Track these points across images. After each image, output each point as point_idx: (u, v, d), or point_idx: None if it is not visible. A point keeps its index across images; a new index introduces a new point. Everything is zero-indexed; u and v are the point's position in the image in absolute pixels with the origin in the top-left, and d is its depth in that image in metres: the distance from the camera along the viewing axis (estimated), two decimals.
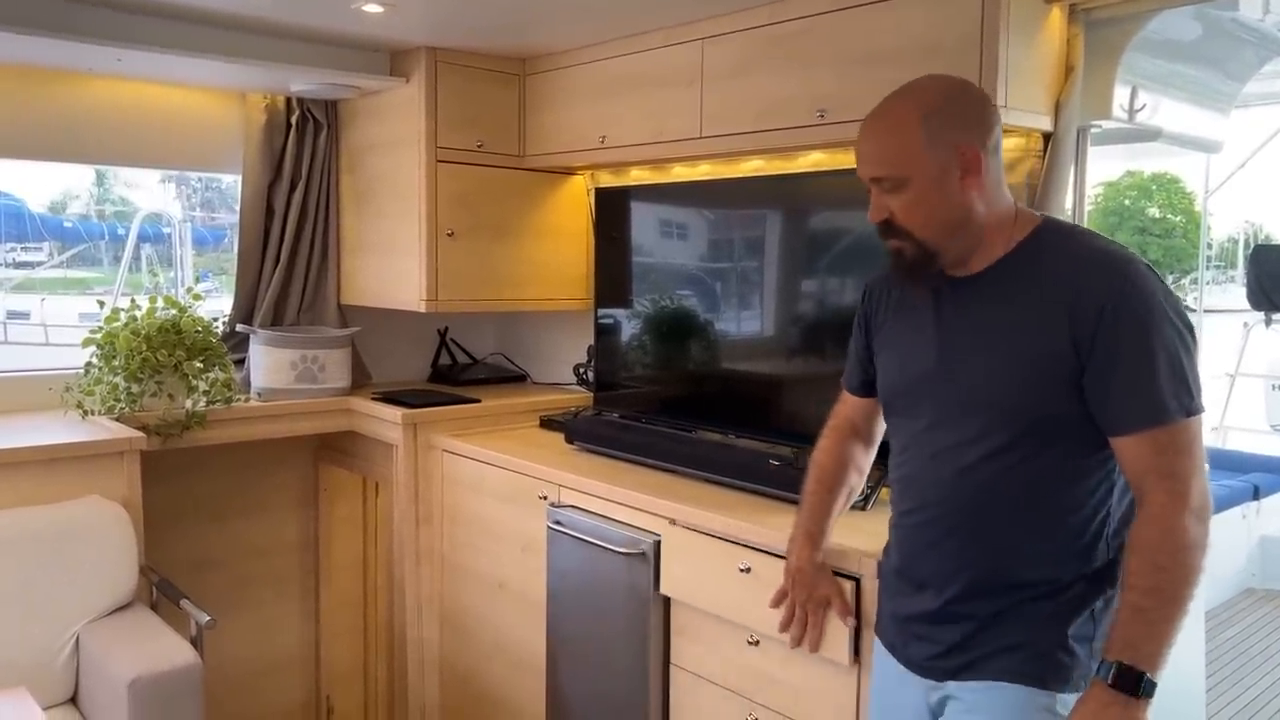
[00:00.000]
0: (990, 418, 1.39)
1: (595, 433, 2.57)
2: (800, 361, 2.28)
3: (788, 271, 2.32)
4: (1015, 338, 1.37)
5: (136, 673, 1.93)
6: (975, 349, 1.42)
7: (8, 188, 13.39)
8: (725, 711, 1.95)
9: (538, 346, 3.41)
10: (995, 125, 1.43)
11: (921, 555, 1.49)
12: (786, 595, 1.73)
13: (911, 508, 1.51)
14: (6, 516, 2.15)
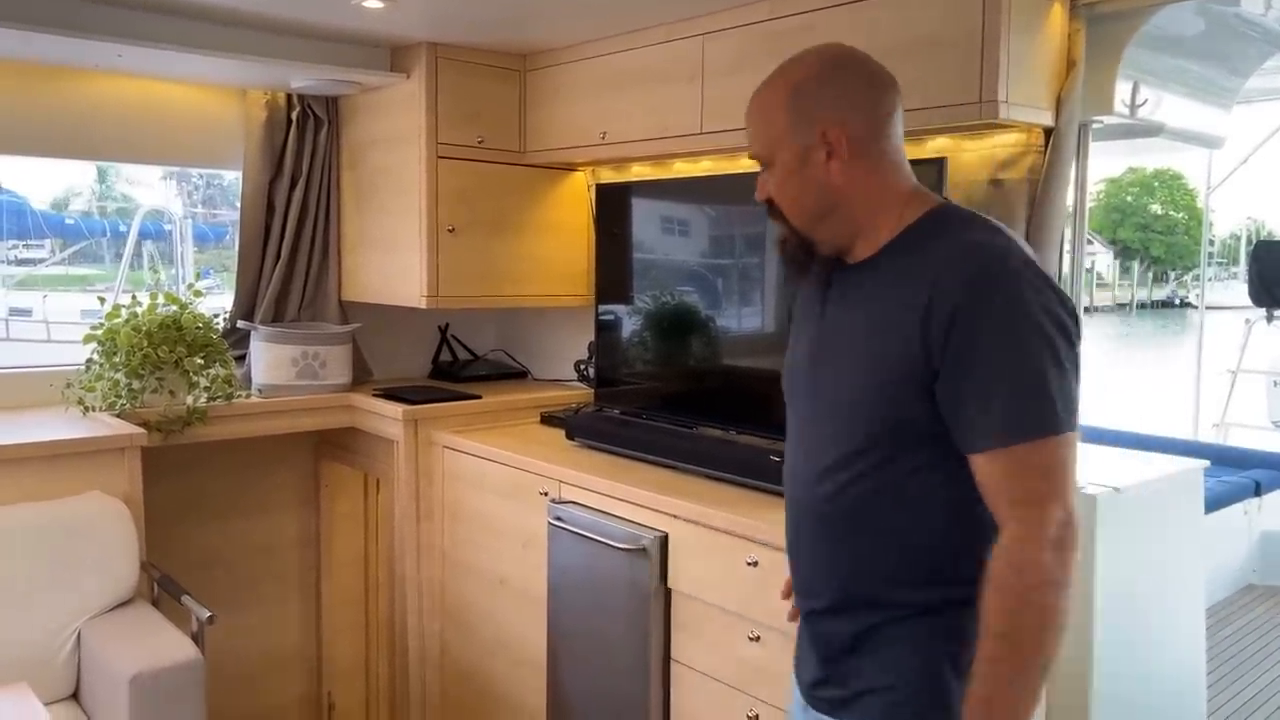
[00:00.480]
0: (845, 418, 1.27)
1: (596, 429, 2.57)
2: None
3: None
4: (872, 335, 1.25)
5: (138, 668, 1.93)
6: (839, 344, 1.32)
7: (10, 185, 13.41)
8: (726, 706, 1.95)
9: (539, 343, 3.41)
10: (879, 103, 1.32)
11: (796, 558, 1.38)
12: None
13: (788, 506, 1.39)
14: (8, 512, 2.15)
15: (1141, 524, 2.34)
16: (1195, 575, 2.57)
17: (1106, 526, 2.18)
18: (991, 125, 1.98)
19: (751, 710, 1.90)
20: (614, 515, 2.20)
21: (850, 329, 1.30)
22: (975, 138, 2.10)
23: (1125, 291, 30.96)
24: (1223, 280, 28.67)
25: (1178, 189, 29.12)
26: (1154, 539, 2.41)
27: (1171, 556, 2.48)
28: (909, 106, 1.95)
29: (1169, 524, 2.48)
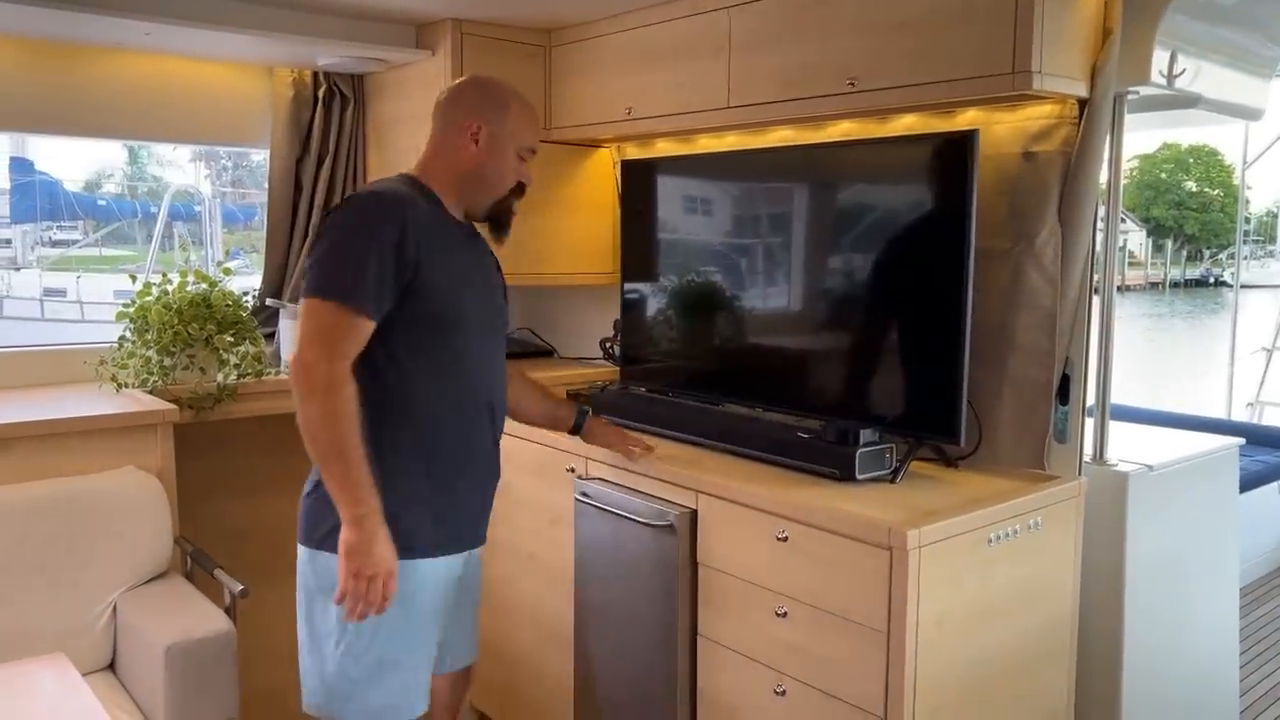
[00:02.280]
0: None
1: (622, 406, 2.57)
2: (827, 335, 2.27)
3: (815, 244, 2.29)
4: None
5: (173, 639, 1.96)
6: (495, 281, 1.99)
7: (44, 167, 13.56)
8: (753, 681, 1.95)
9: (564, 321, 3.41)
10: None
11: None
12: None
13: (487, 408, 1.91)
14: (45, 486, 2.19)
15: (1174, 502, 2.32)
16: (1229, 555, 2.53)
17: (1138, 504, 2.16)
18: (1024, 97, 1.94)
19: (779, 685, 1.90)
20: (641, 492, 2.21)
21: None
22: (1007, 109, 2.07)
23: (1158, 270, 30.51)
24: (1258, 259, 28.15)
25: (1213, 165, 28.59)
26: (1187, 518, 2.38)
27: (1205, 535, 2.45)
28: (940, 78, 1.94)
29: (1202, 503, 2.44)
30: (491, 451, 1.91)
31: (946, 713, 1.78)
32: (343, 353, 1.65)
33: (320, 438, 1.63)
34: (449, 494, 1.82)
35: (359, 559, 1.61)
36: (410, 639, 1.78)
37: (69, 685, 1.48)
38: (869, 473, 1.99)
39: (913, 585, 1.68)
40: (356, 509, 1.62)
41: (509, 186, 1.88)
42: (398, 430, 1.75)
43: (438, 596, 1.83)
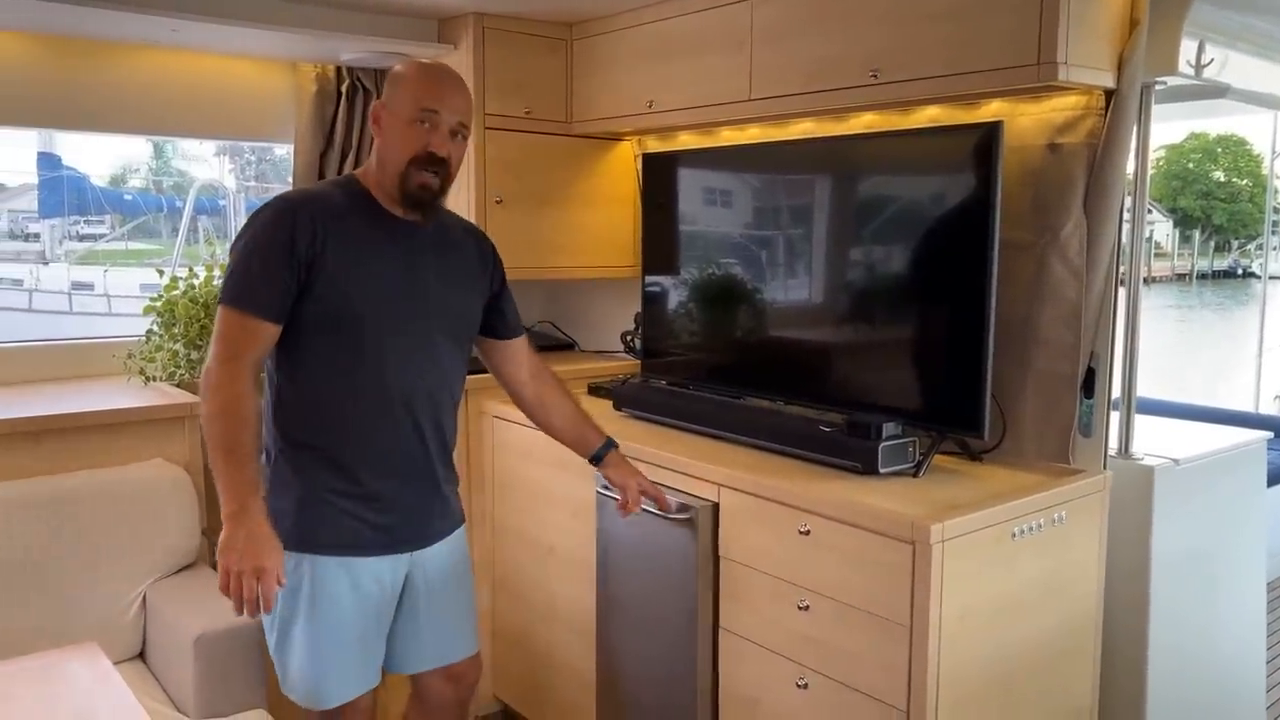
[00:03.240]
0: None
1: (643, 399, 2.58)
2: (849, 328, 2.26)
3: (837, 236, 2.29)
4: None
5: (202, 629, 1.99)
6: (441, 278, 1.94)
7: (72, 162, 13.70)
8: (775, 675, 1.96)
9: (585, 314, 3.42)
10: None
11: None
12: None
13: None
14: (76, 478, 2.22)
15: (1200, 496, 2.29)
16: (1256, 550, 2.51)
17: (1164, 499, 2.14)
18: (1050, 88, 1.93)
19: (801, 678, 1.90)
20: (663, 485, 2.21)
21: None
22: (1032, 101, 2.05)
23: (1185, 261, 30.12)
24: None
25: (1241, 155, 28.17)
26: (1213, 512, 2.35)
27: (1231, 530, 2.43)
28: (964, 69, 1.93)
29: (1229, 497, 2.42)
30: (417, 453, 1.88)
31: (969, 707, 1.77)
32: (235, 354, 1.69)
33: (210, 434, 1.67)
34: (362, 496, 1.81)
35: (227, 555, 1.62)
36: (323, 633, 1.80)
37: (101, 674, 1.51)
38: (892, 466, 1.98)
39: (935, 579, 1.68)
40: (230, 505, 1.64)
41: (406, 158, 1.76)
42: (301, 428, 1.80)
43: (361, 596, 1.83)
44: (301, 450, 1.80)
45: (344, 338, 1.78)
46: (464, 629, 2.03)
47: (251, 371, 1.72)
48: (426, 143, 1.76)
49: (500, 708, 2.93)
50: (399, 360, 1.82)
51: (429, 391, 1.88)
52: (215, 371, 1.69)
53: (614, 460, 2.09)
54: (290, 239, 1.71)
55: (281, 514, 1.79)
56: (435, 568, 1.95)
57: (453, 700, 2.04)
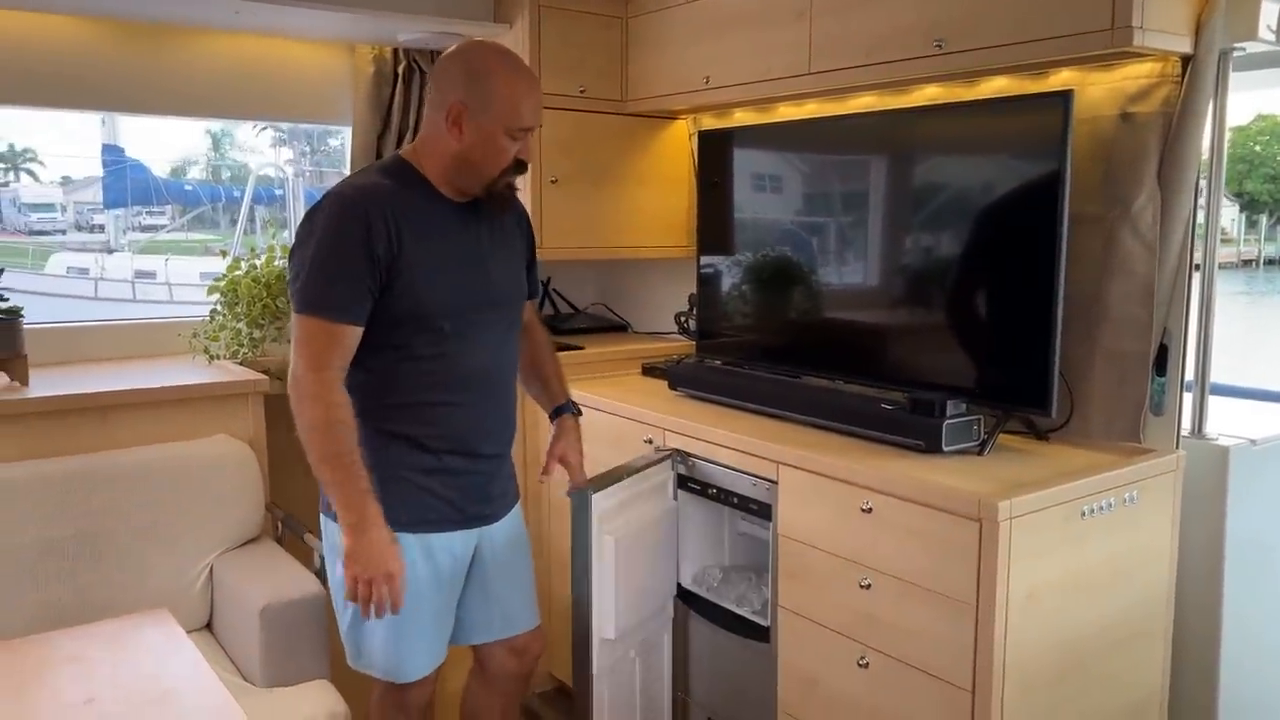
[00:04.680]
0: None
1: (699, 379, 2.56)
2: (911, 305, 2.22)
3: (900, 212, 2.24)
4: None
5: (267, 600, 2.03)
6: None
7: (134, 154, 14.03)
8: (835, 654, 1.93)
9: (638, 295, 3.41)
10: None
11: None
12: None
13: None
14: (144, 452, 2.28)
15: (1277, 477, 2.22)
16: None
17: (1239, 479, 2.07)
18: (1123, 55, 1.87)
19: (862, 657, 1.88)
20: (720, 464, 2.20)
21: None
22: (1104, 69, 1.99)
23: (1251, 247, 29.20)
24: None
25: None
26: None
27: None
28: (1032, 37, 1.88)
29: None
30: (489, 429, 1.89)
31: (1037, 689, 1.74)
32: (328, 363, 1.68)
33: (313, 446, 1.66)
34: (439, 472, 1.82)
35: (357, 565, 1.65)
36: (403, 609, 1.78)
37: (173, 639, 1.54)
38: (956, 445, 1.95)
39: (1002, 558, 1.64)
40: (350, 516, 1.65)
41: (500, 169, 1.76)
42: (378, 411, 1.77)
43: (437, 571, 1.84)
44: (379, 431, 1.80)
45: (421, 328, 1.77)
46: (527, 601, 2.04)
47: (342, 376, 1.70)
48: (523, 153, 1.77)
49: (555, 685, 2.94)
50: (472, 344, 1.83)
51: (499, 369, 1.90)
52: (306, 381, 1.67)
53: (566, 424, 2.08)
54: (366, 240, 1.68)
55: None
56: (500, 540, 1.96)
57: (516, 673, 2.06)
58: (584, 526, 2.00)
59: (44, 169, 17.20)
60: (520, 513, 2.06)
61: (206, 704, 1.32)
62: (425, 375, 1.79)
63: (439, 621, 1.89)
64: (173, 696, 1.36)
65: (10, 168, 18.26)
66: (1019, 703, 1.70)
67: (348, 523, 1.65)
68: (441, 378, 1.81)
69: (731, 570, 2.41)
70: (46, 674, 1.46)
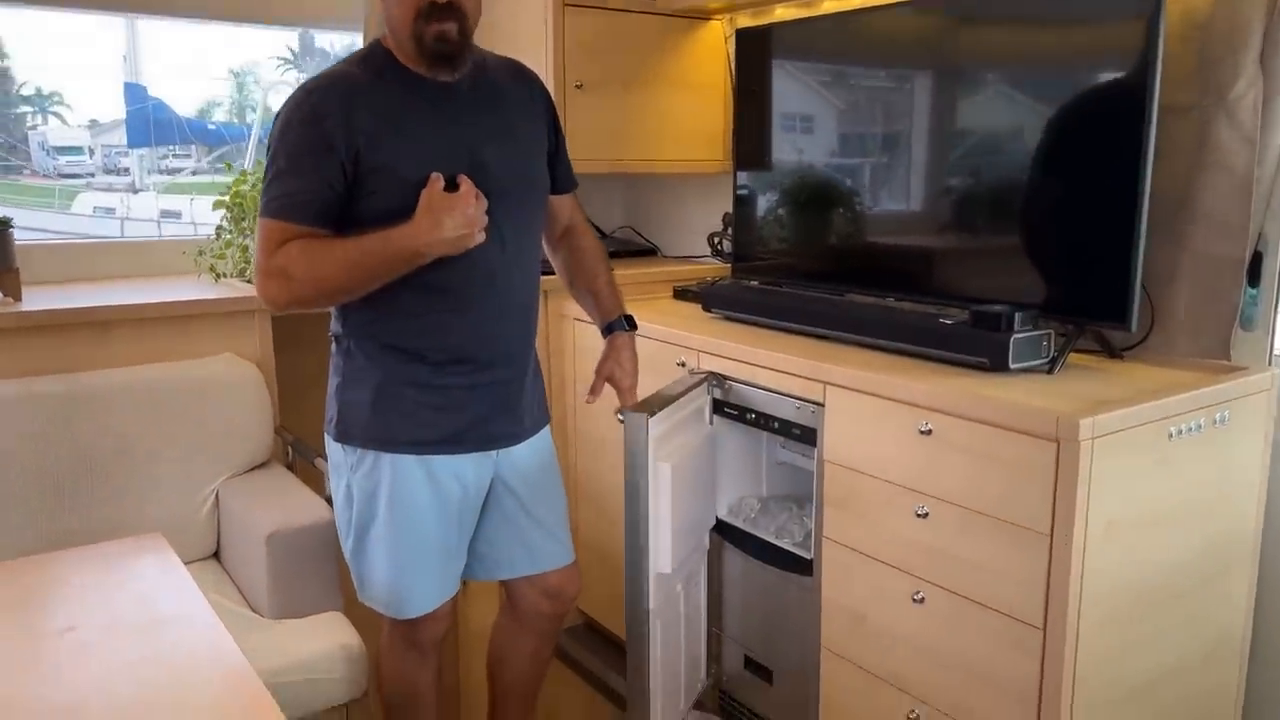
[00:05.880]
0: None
1: (737, 299, 2.38)
2: (972, 211, 2.01)
3: (961, 107, 2.03)
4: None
5: (274, 527, 1.90)
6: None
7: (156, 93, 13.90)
8: (886, 588, 1.78)
9: (668, 217, 3.22)
10: None
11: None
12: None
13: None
14: (145, 371, 2.13)
15: None
16: None
17: None
18: None
19: (917, 592, 1.72)
20: (760, 386, 2.03)
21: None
22: None
23: None
24: None
25: None
26: None
27: None
28: None
29: None
30: (500, 340, 1.72)
31: (1113, 627, 1.57)
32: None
33: (327, 283, 1.55)
34: (442, 388, 1.67)
35: (449, 221, 1.52)
36: (403, 538, 1.68)
37: (166, 566, 1.41)
38: (1023, 362, 1.76)
39: (1083, 482, 1.47)
40: (405, 251, 1.53)
41: (411, 14, 1.55)
42: (373, 320, 1.65)
43: (442, 498, 1.70)
44: (372, 343, 1.66)
45: None
46: (558, 535, 1.90)
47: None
48: None
49: (584, 620, 2.83)
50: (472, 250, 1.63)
51: (507, 272, 1.71)
52: (271, 265, 1.54)
53: (617, 342, 1.94)
54: (323, 134, 1.53)
55: (357, 406, 1.66)
56: (524, 468, 1.81)
57: (549, 615, 1.92)
58: (639, 453, 1.83)
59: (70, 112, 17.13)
60: (549, 438, 1.90)
61: (195, 635, 1.19)
62: (419, 281, 1.61)
63: (446, 553, 1.75)
64: (159, 627, 1.22)
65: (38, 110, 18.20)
66: (1094, 642, 1.53)
67: (405, 251, 1.53)
68: (437, 283, 1.63)
69: (770, 500, 2.26)
70: (29, 600, 1.34)
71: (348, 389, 1.69)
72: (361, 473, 1.68)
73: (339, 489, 1.73)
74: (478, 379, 1.71)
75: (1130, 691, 1.63)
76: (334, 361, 1.74)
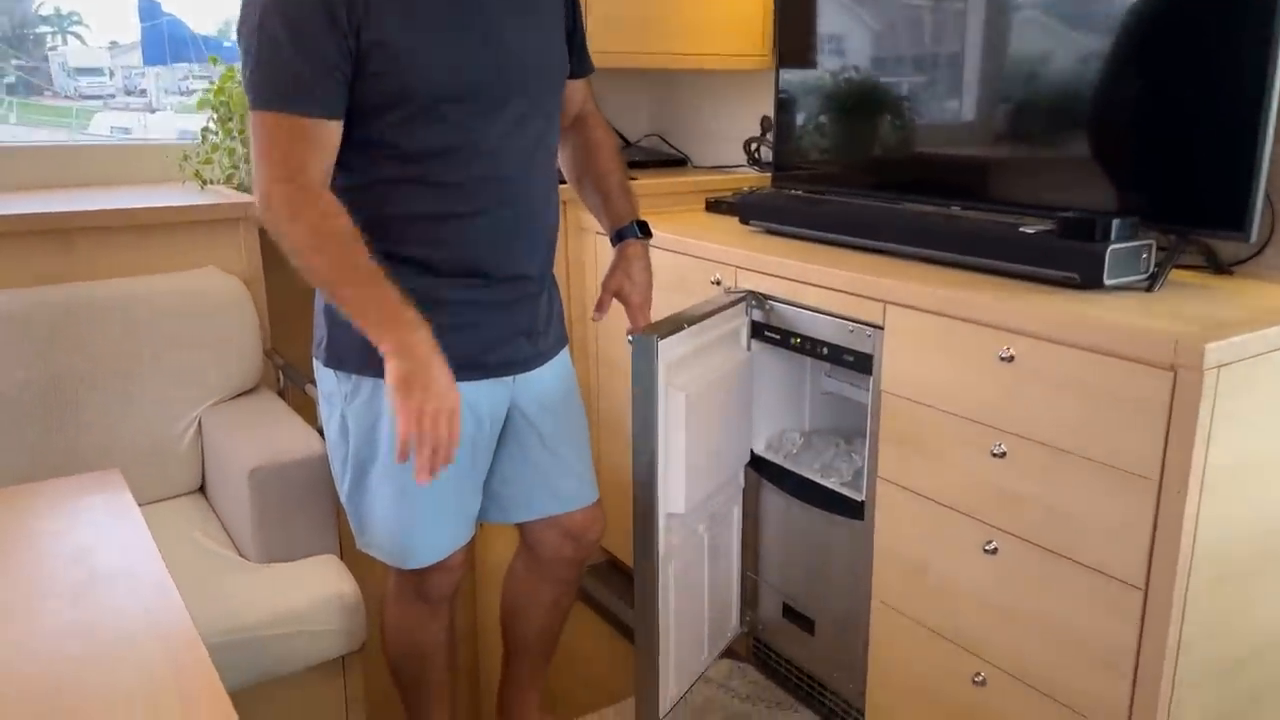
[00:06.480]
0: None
1: (777, 208, 2.11)
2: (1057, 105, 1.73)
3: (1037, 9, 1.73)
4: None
5: (259, 461, 1.68)
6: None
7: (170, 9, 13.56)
8: (952, 536, 1.55)
9: (699, 124, 2.94)
10: None
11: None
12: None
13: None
14: (118, 285, 1.91)
15: None
16: None
17: None
18: None
19: (989, 541, 1.50)
20: (808, 307, 1.78)
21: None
22: None
23: None
24: None
25: None
26: None
27: None
28: None
29: None
30: (515, 251, 1.48)
31: (1229, 588, 1.34)
32: (301, 169, 1.29)
33: (317, 269, 1.30)
34: (450, 305, 1.43)
35: (420, 393, 1.26)
36: (408, 477, 1.42)
37: (117, 509, 1.21)
38: (1120, 278, 1.50)
39: (1204, 418, 1.22)
40: (397, 333, 1.27)
41: None
42: (368, 228, 1.37)
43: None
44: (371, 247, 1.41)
45: (414, 116, 1.35)
46: (580, 471, 1.68)
47: (325, 184, 1.32)
48: None
49: (606, 559, 2.64)
50: (486, 136, 1.40)
51: (526, 172, 1.47)
52: (278, 197, 1.29)
53: (628, 251, 1.68)
54: (326, 5, 1.27)
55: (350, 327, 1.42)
56: (545, 396, 1.59)
57: (571, 559, 1.72)
58: (648, 380, 1.61)
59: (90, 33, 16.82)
60: (569, 361, 1.68)
61: (137, 597, 0.99)
62: (427, 180, 1.38)
63: (459, 494, 1.54)
64: (95, 587, 1.02)
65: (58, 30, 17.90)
66: (1203, 603, 1.31)
67: (397, 343, 1.27)
68: (449, 182, 1.39)
69: (813, 435, 2.03)
70: None
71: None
72: (359, 403, 1.46)
73: (331, 421, 1.52)
74: (493, 294, 1.48)
75: (1236, 663, 1.41)
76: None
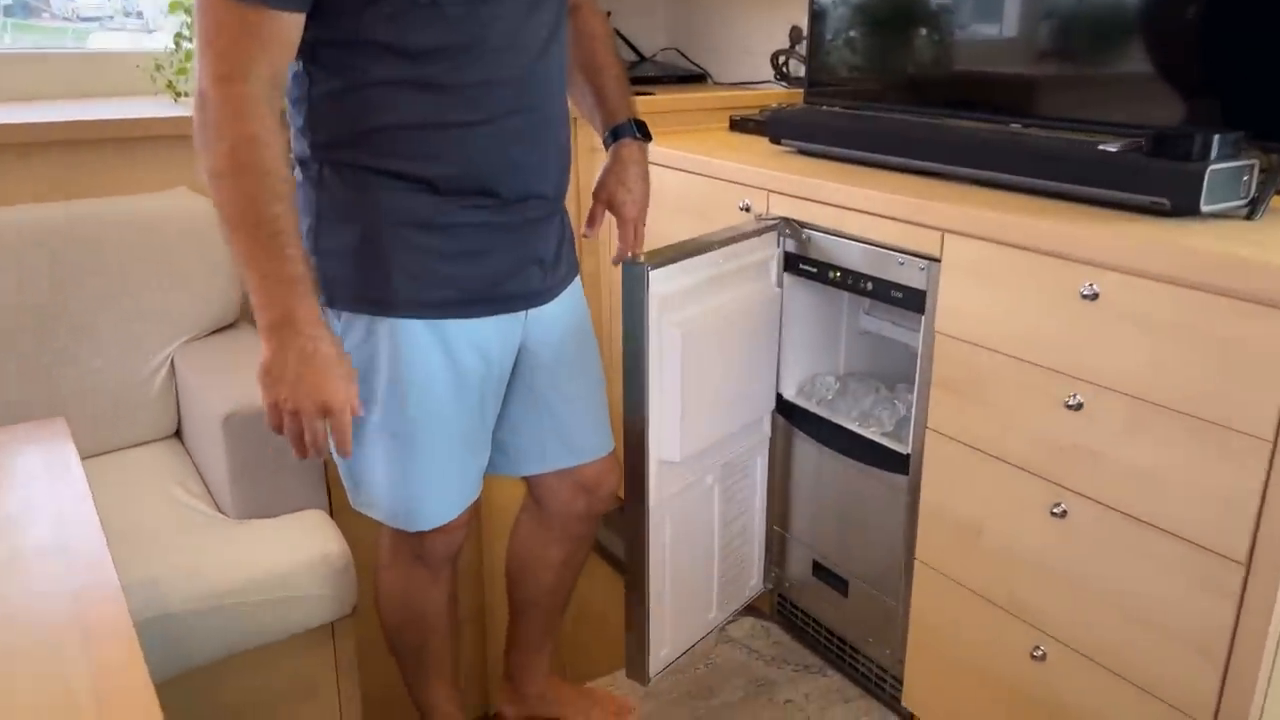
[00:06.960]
0: None
1: (813, 124, 1.89)
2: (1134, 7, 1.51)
3: None
4: None
5: (233, 406, 1.51)
6: None
7: None
8: (1014, 495, 1.38)
9: (721, 35, 2.70)
10: None
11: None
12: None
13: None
14: (78, 206, 1.72)
15: None
16: None
17: None
18: None
19: (1057, 504, 1.32)
20: (849, 236, 1.59)
21: None
22: None
23: None
24: None
25: None
26: None
27: None
28: None
29: None
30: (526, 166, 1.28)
31: None
32: (244, 69, 1.08)
33: (221, 201, 1.10)
34: (454, 228, 1.24)
35: (275, 386, 1.14)
36: (411, 427, 1.29)
37: (58, 467, 1.04)
38: (1218, 203, 1.29)
39: None
40: (268, 312, 1.12)
41: None
42: (356, 137, 1.21)
43: (460, 374, 1.30)
44: (360, 169, 1.22)
45: (408, 7, 1.14)
46: (595, 417, 1.51)
47: (271, 94, 1.11)
48: None
49: (619, 506, 2.49)
50: (492, 32, 1.19)
51: (537, 76, 1.26)
52: (212, 98, 1.09)
53: (623, 153, 1.47)
54: None
55: (339, 256, 1.24)
56: (557, 333, 1.41)
57: (583, 514, 1.56)
58: (638, 313, 1.43)
59: None
60: (582, 294, 1.49)
61: (67, 571, 0.82)
62: (424, 83, 1.18)
63: (468, 446, 1.36)
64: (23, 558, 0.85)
65: None
66: None
67: (266, 322, 1.13)
68: (451, 84, 1.19)
69: (850, 379, 1.85)
70: None
71: (325, 233, 1.26)
72: (350, 345, 1.28)
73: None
74: (504, 216, 1.28)
75: None
76: (303, 195, 1.30)
